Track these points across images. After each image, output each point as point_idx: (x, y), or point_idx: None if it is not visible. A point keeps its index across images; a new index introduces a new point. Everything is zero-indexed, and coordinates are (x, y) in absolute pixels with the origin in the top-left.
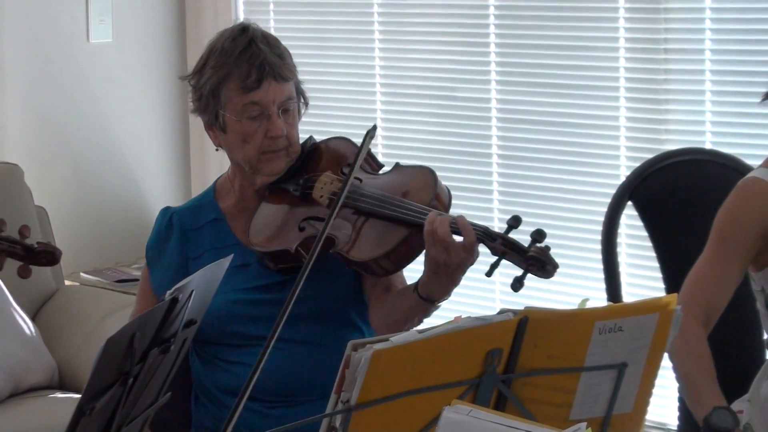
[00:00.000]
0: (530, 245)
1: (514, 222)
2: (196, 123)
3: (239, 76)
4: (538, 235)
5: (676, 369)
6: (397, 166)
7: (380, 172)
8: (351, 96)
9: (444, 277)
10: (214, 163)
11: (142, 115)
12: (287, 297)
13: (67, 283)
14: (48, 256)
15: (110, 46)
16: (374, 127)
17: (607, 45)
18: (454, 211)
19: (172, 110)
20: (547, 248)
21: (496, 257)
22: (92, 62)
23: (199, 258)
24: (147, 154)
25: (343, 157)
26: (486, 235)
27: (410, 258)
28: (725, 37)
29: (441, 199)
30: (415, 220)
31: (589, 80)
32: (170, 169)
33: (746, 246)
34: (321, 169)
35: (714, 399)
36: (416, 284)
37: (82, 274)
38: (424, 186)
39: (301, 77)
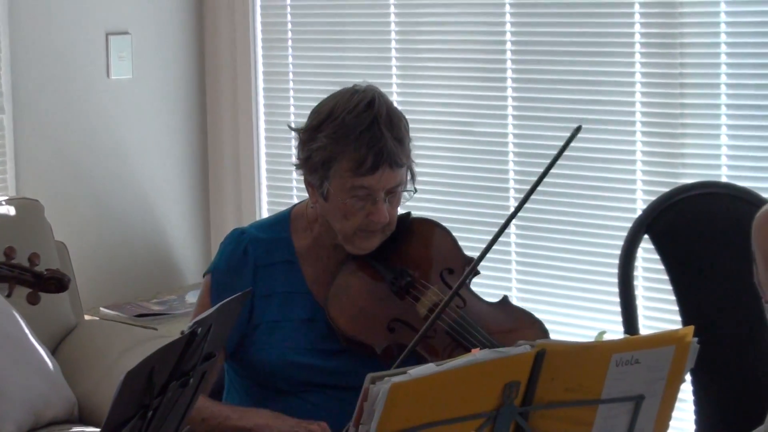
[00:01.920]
0: None
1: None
2: (215, 158)
3: (355, 159)
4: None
5: None
6: (505, 302)
7: (474, 288)
8: None
9: None
10: (232, 198)
11: (162, 151)
12: (342, 368)
13: (86, 317)
14: (56, 282)
15: (130, 82)
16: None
17: (624, 80)
18: (472, 246)
19: (191, 146)
20: None
21: None
22: (112, 98)
23: (268, 297)
24: (166, 190)
25: (447, 258)
26: None
27: None
28: (741, 72)
29: None
30: None
31: (605, 114)
32: (189, 205)
33: None
34: (416, 261)
35: None
36: None
37: (101, 309)
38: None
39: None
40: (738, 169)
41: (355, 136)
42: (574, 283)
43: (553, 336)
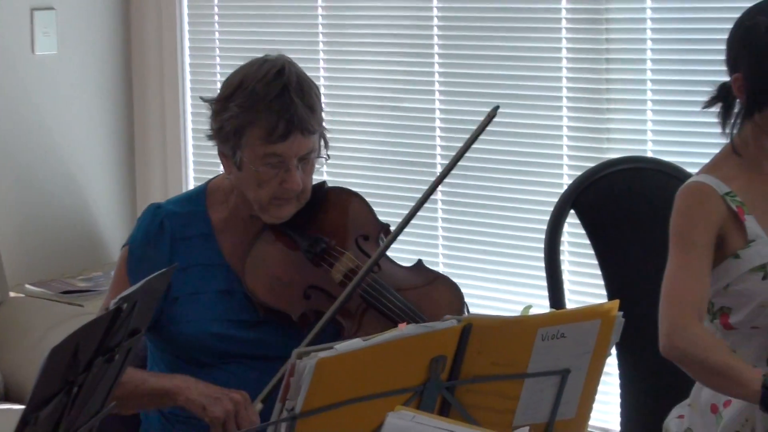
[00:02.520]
0: None
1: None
2: (141, 133)
3: (266, 126)
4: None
5: (699, 363)
6: (421, 266)
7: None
8: None
9: None
10: (159, 174)
11: (87, 127)
12: (263, 338)
13: (12, 294)
14: None
15: (55, 58)
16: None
17: (550, 55)
18: (398, 221)
19: (117, 122)
20: None
21: None
22: (37, 74)
23: (185, 270)
24: (92, 166)
25: (362, 224)
26: None
27: None
28: (666, 47)
29: None
30: None
31: (531, 90)
32: (115, 181)
33: (708, 244)
34: (332, 229)
35: (755, 370)
36: None
37: (27, 285)
38: (449, 308)
39: None
40: (663, 144)
41: (266, 104)
42: (500, 258)
43: (479, 310)
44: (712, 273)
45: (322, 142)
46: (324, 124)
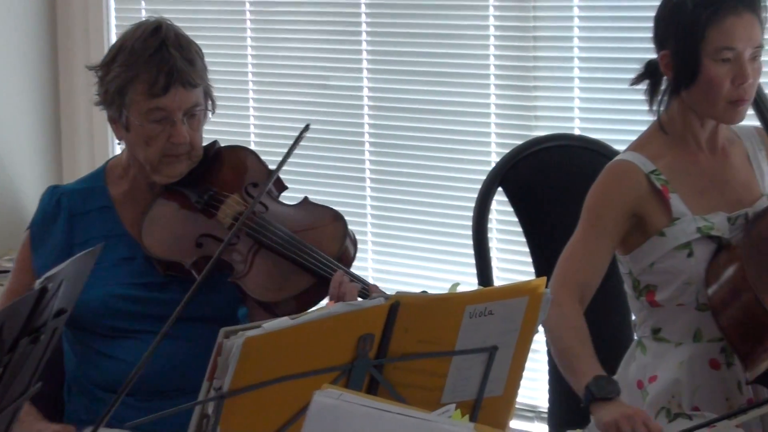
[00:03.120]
0: None
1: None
2: (67, 114)
3: (146, 81)
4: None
5: (555, 343)
6: (305, 202)
7: (282, 199)
8: (223, 85)
9: None
10: (86, 151)
11: (12, 108)
12: (171, 298)
13: None
14: None
15: None
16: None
17: (477, 33)
18: (327, 200)
19: (42, 96)
20: None
21: None
22: None
23: (85, 244)
24: (17, 146)
25: (250, 174)
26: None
27: (310, 306)
28: (593, 25)
29: (348, 252)
30: (323, 273)
31: (459, 68)
32: (41, 161)
33: (616, 225)
34: (224, 182)
35: (594, 369)
36: None
37: None
38: (333, 236)
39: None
40: (590, 121)
41: (145, 59)
42: (428, 236)
43: (407, 288)
44: (637, 252)
45: (211, 107)
46: (209, 81)
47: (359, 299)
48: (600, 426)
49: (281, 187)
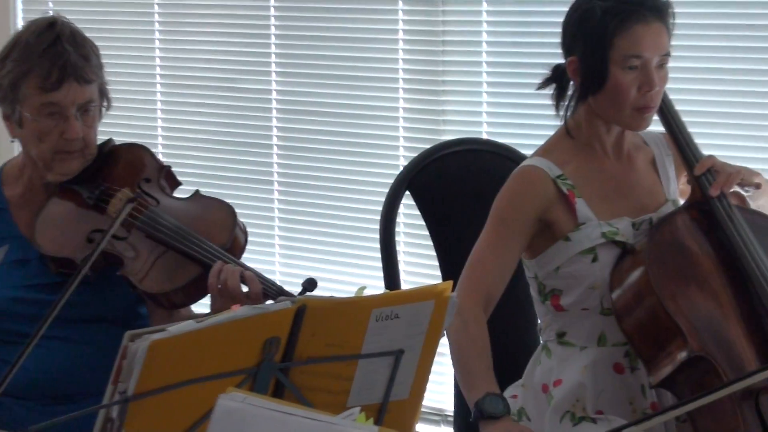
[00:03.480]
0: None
1: (309, 285)
2: None
3: (40, 75)
4: (309, 284)
5: (454, 353)
6: (197, 195)
7: (176, 194)
8: (131, 87)
9: None
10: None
11: None
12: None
13: None
14: None
15: None
16: (134, 199)
17: (387, 37)
18: (235, 203)
19: None
20: None
21: None
22: None
23: None
24: None
25: (143, 169)
26: (280, 296)
27: (199, 296)
28: (501, 30)
29: (237, 242)
30: (210, 262)
31: (368, 71)
32: None
33: (523, 230)
34: (117, 178)
35: (487, 384)
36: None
37: None
38: (222, 226)
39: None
40: (498, 126)
41: (39, 53)
42: (336, 239)
43: (315, 292)
44: (543, 256)
45: (105, 104)
46: (104, 75)
47: (269, 302)
48: None
49: (175, 183)
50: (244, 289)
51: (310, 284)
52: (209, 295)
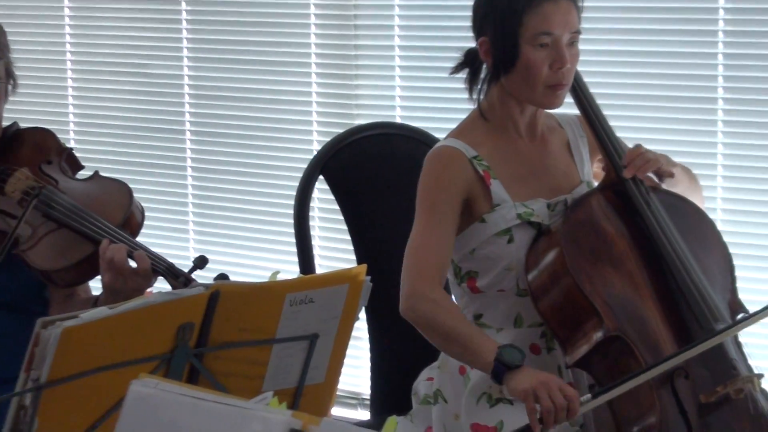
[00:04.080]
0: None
1: (200, 263)
2: None
3: None
4: (201, 261)
5: (437, 331)
6: (96, 175)
7: (78, 176)
8: (40, 74)
9: (122, 297)
10: None
11: None
12: None
13: None
14: None
15: None
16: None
17: (299, 21)
18: (149, 188)
19: None
20: None
21: None
22: None
23: None
24: None
25: (45, 152)
26: (170, 272)
27: (93, 274)
28: (413, 14)
29: (133, 220)
30: (101, 240)
31: (280, 56)
32: None
33: (452, 208)
34: (20, 160)
35: (489, 341)
36: (96, 299)
37: None
38: (117, 205)
39: None
40: (411, 110)
41: None
42: (250, 225)
43: (230, 278)
44: (459, 238)
45: (11, 84)
46: (9, 56)
47: (180, 290)
48: (516, 394)
49: (76, 165)
50: (133, 265)
51: (201, 261)
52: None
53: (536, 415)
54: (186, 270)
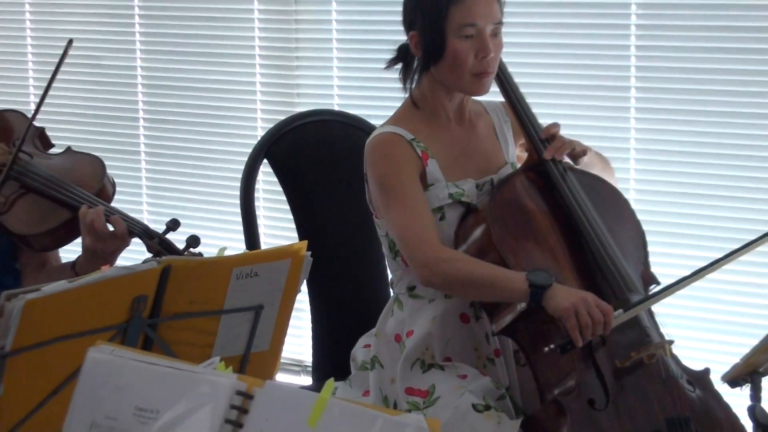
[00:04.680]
0: (185, 249)
1: (173, 225)
2: None
3: None
4: (194, 240)
5: (465, 283)
6: (68, 150)
7: (51, 152)
8: (3, 65)
9: (101, 260)
10: None
11: None
12: None
13: None
14: None
15: None
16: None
17: (243, 16)
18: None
19: None
20: (200, 255)
21: (152, 254)
22: None
23: None
24: None
25: (15, 130)
26: (146, 234)
27: (69, 239)
28: (350, 8)
29: (105, 189)
30: (79, 206)
31: (227, 48)
32: None
33: (416, 181)
34: None
35: (516, 273)
36: (74, 263)
37: None
38: (93, 175)
39: None
40: (348, 98)
41: None
42: (200, 205)
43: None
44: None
45: None
46: None
47: (134, 264)
48: (559, 311)
49: (48, 143)
50: (111, 228)
51: (174, 224)
52: (79, 239)
53: (577, 330)
54: (161, 231)
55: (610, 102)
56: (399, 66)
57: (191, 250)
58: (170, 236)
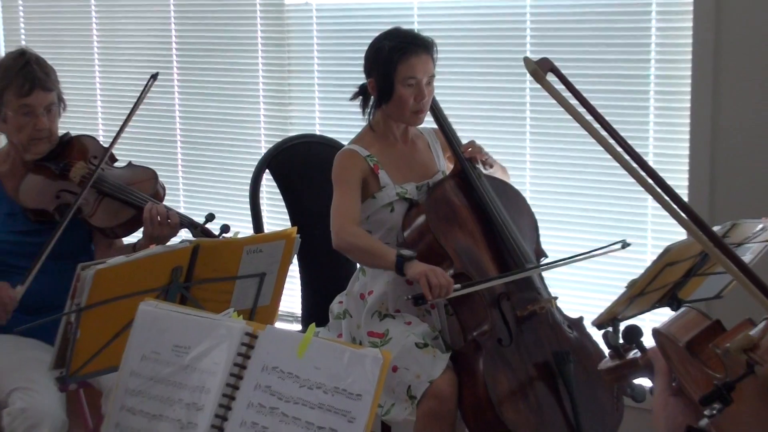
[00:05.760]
0: (219, 234)
1: (210, 218)
2: None
3: (17, 85)
4: (210, 217)
5: (360, 249)
6: (130, 164)
7: (116, 164)
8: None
9: (156, 243)
10: None
11: None
12: (43, 241)
13: None
14: None
15: None
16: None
17: (250, 64)
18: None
19: None
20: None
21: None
22: None
23: None
24: None
25: (90, 150)
26: (191, 225)
27: (134, 229)
28: (329, 59)
29: (159, 192)
30: (141, 204)
31: (238, 90)
32: None
33: (357, 179)
34: (75, 157)
35: (393, 250)
36: (134, 244)
37: None
38: (149, 182)
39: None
40: (327, 126)
41: (15, 72)
42: (222, 202)
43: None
44: (360, 208)
45: (62, 106)
46: (59, 87)
47: (173, 244)
48: (416, 276)
49: (113, 159)
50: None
51: (210, 217)
52: (141, 228)
53: (428, 289)
54: (201, 222)
55: (511, 127)
56: (360, 100)
57: (225, 235)
58: (208, 225)
